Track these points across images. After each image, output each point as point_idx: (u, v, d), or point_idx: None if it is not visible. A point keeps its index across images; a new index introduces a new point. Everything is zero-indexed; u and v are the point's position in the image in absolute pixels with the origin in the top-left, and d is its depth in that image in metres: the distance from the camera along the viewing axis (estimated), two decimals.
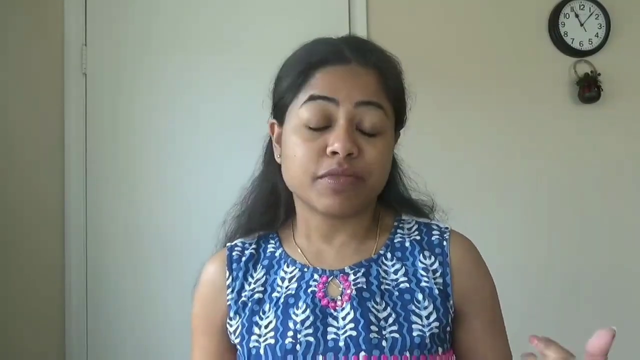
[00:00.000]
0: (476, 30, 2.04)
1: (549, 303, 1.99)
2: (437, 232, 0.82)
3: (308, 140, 0.74)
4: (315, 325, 0.74)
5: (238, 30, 1.95)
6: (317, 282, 0.78)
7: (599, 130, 2.06)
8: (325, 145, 0.73)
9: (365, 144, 0.74)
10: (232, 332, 0.79)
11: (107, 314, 1.86)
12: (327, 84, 0.74)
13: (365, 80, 0.75)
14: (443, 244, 0.80)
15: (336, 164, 0.72)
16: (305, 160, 0.74)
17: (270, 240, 0.85)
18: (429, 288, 0.76)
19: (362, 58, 0.76)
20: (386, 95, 0.76)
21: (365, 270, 0.78)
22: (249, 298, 0.79)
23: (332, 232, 0.81)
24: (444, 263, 0.79)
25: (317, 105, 0.74)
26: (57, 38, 1.88)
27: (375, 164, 0.74)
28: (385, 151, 0.76)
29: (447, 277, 0.78)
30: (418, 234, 0.82)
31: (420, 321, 0.74)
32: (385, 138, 0.76)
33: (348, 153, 0.72)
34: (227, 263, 0.83)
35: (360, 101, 0.74)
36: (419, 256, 0.79)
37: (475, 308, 0.79)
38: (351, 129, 0.73)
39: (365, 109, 0.74)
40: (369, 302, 0.75)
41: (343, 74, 0.75)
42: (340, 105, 0.73)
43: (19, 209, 1.81)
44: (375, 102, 0.74)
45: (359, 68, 0.76)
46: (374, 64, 0.77)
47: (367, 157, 0.74)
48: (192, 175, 1.91)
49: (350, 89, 0.74)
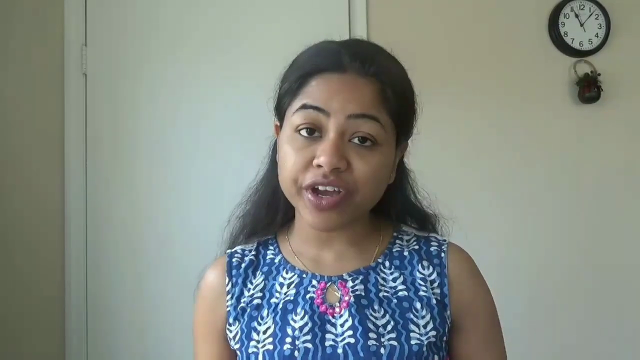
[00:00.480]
0: (476, 30, 2.04)
1: (549, 303, 1.99)
2: (435, 243, 0.83)
3: (298, 149, 0.73)
4: (314, 332, 0.74)
5: (238, 30, 1.94)
6: (316, 288, 0.78)
7: (599, 130, 2.06)
8: (314, 156, 0.71)
9: (356, 158, 0.71)
10: (232, 337, 0.80)
11: (107, 314, 1.86)
12: (320, 94, 0.72)
13: (361, 91, 0.72)
14: (441, 255, 0.81)
15: (321, 175, 0.71)
16: (293, 169, 0.73)
17: (269, 246, 0.85)
18: (427, 297, 0.77)
19: (360, 66, 0.73)
20: (385, 106, 0.73)
21: (364, 277, 0.78)
22: (247, 304, 0.79)
23: (329, 239, 0.81)
24: (442, 274, 0.79)
25: (309, 115, 0.72)
26: (57, 38, 1.88)
27: (364, 179, 0.72)
28: (378, 165, 0.73)
29: (444, 287, 0.78)
30: (417, 245, 0.83)
31: (418, 330, 0.74)
32: (381, 151, 0.73)
33: (334, 167, 0.70)
34: (227, 269, 0.83)
35: (352, 114, 0.71)
36: (418, 266, 0.80)
37: (471, 319, 0.79)
38: (340, 142, 0.71)
39: (360, 121, 0.71)
40: (367, 310, 0.75)
41: (338, 83, 0.73)
42: (331, 117, 0.71)
43: (19, 209, 1.82)
44: (369, 114, 0.71)
45: (355, 77, 0.73)
46: (372, 73, 0.73)
47: (356, 172, 0.71)
48: (192, 175, 1.91)
49: (344, 100, 0.71)
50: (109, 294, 1.87)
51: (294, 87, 0.75)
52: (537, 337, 1.91)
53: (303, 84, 0.75)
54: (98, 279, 1.87)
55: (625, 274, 2.04)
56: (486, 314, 0.81)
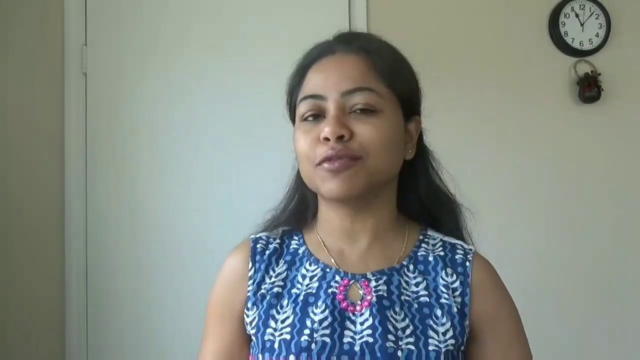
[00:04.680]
0: (476, 30, 2.04)
1: (549, 303, 1.99)
2: (461, 251, 0.82)
3: (305, 133, 0.77)
4: (333, 327, 0.74)
5: (238, 29, 1.94)
6: (339, 284, 0.78)
7: (599, 130, 2.06)
8: (320, 134, 0.75)
9: (359, 124, 0.75)
10: (249, 322, 0.80)
11: (107, 314, 1.86)
12: (315, 82, 0.78)
13: (350, 67, 0.77)
14: (466, 264, 0.80)
15: (330, 148, 0.74)
16: (305, 150, 0.77)
17: (294, 236, 0.86)
18: (448, 305, 0.77)
19: (346, 45, 0.79)
20: (378, 77, 0.77)
21: (387, 278, 0.78)
22: (268, 291, 0.80)
23: (354, 232, 0.81)
24: (465, 283, 0.79)
25: (309, 103, 0.77)
26: (57, 38, 1.88)
27: (370, 142, 0.74)
28: (382, 129, 0.75)
29: (466, 297, 0.78)
30: (442, 251, 0.82)
31: (437, 337, 0.74)
32: (383, 117, 0.76)
33: (338, 136, 0.73)
34: (251, 254, 0.83)
35: (346, 90, 0.75)
36: (442, 272, 0.80)
37: (491, 332, 0.78)
38: (341, 114, 0.75)
39: (355, 95, 0.75)
40: (388, 311, 0.75)
41: (328, 65, 0.78)
42: (328, 99, 0.76)
43: (19, 209, 1.82)
44: (362, 87, 0.75)
45: (343, 55, 0.78)
46: (358, 48, 0.78)
47: (361, 137, 0.74)
48: (192, 175, 1.90)
49: (337, 79, 0.76)
50: (109, 294, 1.87)
51: (296, 84, 0.81)
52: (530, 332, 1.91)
53: (302, 78, 0.80)
54: (98, 279, 1.87)
55: (625, 274, 2.03)
56: (507, 328, 0.80)
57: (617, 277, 2.03)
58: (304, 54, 0.83)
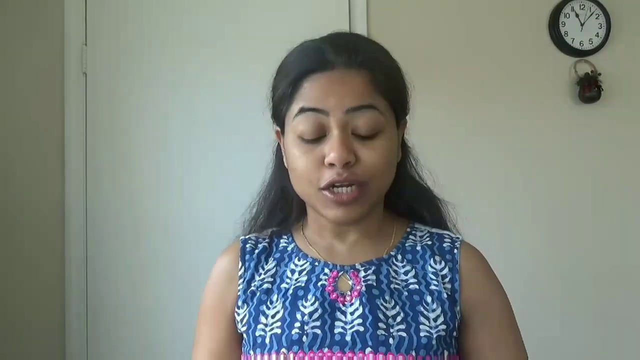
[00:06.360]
0: (476, 29, 2.04)
1: (549, 303, 1.99)
2: (448, 239, 0.83)
3: (306, 153, 0.74)
4: (323, 318, 0.75)
5: (238, 30, 1.95)
6: (328, 276, 0.79)
7: (599, 130, 2.06)
8: (323, 155, 0.73)
9: (363, 149, 0.73)
10: (240, 320, 0.80)
11: (107, 314, 1.86)
12: (315, 94, 0.74)
13: (352, 84, 0.74)
14: (454, 251, 0.81)
15: (336, 174, 0.73)
16: (306, 172, 0.75)
17: (283, 236, 0.87)
18: (438, 292, 0.77)
19: (346, 60, 0.75)
20: (378, 92, 0.75)
21: (376, 268, 0.79)
22: (257, 288, 0.80)
23: (343, 231, 0.82)
24: (454, 269, 0.79)
25: (309, 117, 0.74)
26: (57, 38, 1.88)
27: (374, 168, 0.74)
28: (385, 151, 0.75)
29: (455, 283, 0.78)
30: (429, 240, 0.83)
31: (428, 323, 0.75)
32: (385, 137, 0.75)
33: (345, 162, 0.72)
34: (241, 254, 0.84)
35: (350, 108, 0.73)
36: (430, 260, 0.80)
37: (482, 318, 0.79)
38: (345, 137, 0.73)
39: (358, 113, 0.73)
40: (378, 300, 0.76)
41: (329, 81, 0.74)
42: (330, 115, 0.73)
43: (19, 209, 1.82)
44: (366, 104, 0.73)
45: (344, 72, 0.74)
46: (359, 64, 0.75)
47: (366, 162, 0.73)
48: (192, 174, 1.90)
49: (339, 96, 0.73)
50: (109, 294, 1.87)
51: (287, 93, 0.76)
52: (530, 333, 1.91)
53: (296, 88, 0.76)
54: (98, 279, 1.87)
55: (625, 274, 2.03)
56: (498, 314, 0.80)
57: (617, 277, 2.03)
58: (294, 57, 0.79)
